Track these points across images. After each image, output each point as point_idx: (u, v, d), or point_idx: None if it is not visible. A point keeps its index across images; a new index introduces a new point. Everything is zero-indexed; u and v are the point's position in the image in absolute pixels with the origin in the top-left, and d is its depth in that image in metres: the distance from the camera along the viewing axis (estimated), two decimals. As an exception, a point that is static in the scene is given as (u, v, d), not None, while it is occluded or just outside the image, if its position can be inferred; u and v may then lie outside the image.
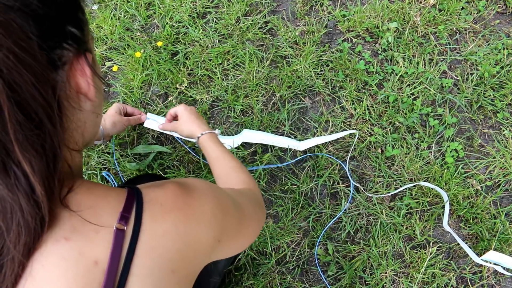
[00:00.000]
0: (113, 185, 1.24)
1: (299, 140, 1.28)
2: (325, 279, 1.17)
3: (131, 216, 0.39)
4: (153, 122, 1.19)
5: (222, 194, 0.51)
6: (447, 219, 1.21)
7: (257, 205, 0.66)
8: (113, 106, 1.09)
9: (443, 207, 1.22)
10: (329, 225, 1.22)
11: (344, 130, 1.30)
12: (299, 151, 1.27)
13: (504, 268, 1.15)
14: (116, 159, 1.26)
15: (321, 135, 1.31)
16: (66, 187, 0.38)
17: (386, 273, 1.17)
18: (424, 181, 1.25)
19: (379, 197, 1.24)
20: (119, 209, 0.40)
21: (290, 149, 1.26)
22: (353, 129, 1.31)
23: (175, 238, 0.41)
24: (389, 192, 1.23)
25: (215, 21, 1.44)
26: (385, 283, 1.16)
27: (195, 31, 1.41)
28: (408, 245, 1.19)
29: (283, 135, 1.30)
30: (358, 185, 1.24)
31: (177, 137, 1.23)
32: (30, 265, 0.35)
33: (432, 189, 1.23)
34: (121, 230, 0.38)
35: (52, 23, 0.35)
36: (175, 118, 1.07)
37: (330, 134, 1.30)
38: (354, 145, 1.29)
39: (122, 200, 0.41)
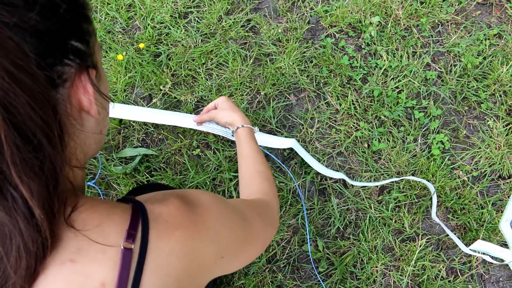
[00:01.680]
0: (100, 194, 1.23)
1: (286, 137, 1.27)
2: (318, 274, 1.17)
3: (137, 234, 0.39)
4: (141, 112, 1.10)
5: (227, 209, 0.50)
6: (435, 210, 1.22)
7: (268, 222, 0.64)
8: None
9: (431, 199, 1.22)
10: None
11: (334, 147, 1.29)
12: (285, 149, 1.26)
13: (492, 257, 1.16)
14: (102, 164, 1.25)
15: (307, 132, 1.31)
16: (69, 206, 0.37)
17: (376, 267, 1.17)
18: (411, 174, 1.26)
19: (364, 187, 1.23)
20: (125, 226, 0.39)
21: (277, 149, 1.26)
22: (339, 124, 1.31)
23: (181, 256, 0.40)
24: (370, 182, 1.22)
25: (197, 21, 1.43)
26: (376, 277, 1.17)
27: (177, 32, 1.41)
28: (397, 238, 1.20)
29: (269, 133, 1.30)
30: (346, 178, 1.24)
31: (211, 132, 1.14)
32: None
33: (419, 182, 1.24)
34: (128, 249, 0.37)
35: (53, 39, 0.33)
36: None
37: (316, 130, 1.30)
38: (341, 141, 1.29)
39: (127, 217, 0.40)
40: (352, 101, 1.32)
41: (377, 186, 1.24)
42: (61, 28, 0.34)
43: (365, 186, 1.24)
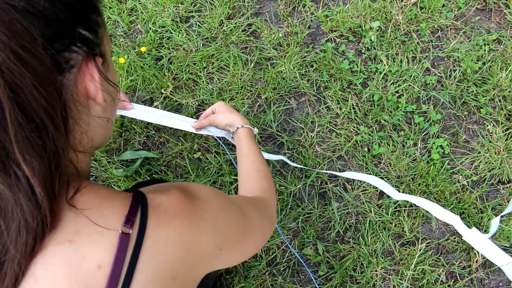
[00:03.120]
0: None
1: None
2: (315, 279, 1.17)
3: (136, 220, 0.39)
4: (143, 112, 1.08)
5: (227, 202, 0.50)
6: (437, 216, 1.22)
7: (266, 217, 0.64)
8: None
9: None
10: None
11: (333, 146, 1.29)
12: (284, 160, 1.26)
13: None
14: (103, 166, 1.26)
15: (308, 136, 1.31)
16: (72, 188, 0.38)
17: (376, 271, 1.17)
18: (411, 178, 1.26)
19: (364, 191, 1.23)
20: (125, 212, 0.39)
21: (280, 153, 1.26)
22: (339, 128, 1.31)
23: (178, 245, 0.41)
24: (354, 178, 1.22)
25: (198, 25, 1.44)
26: (376, 281, 1.17)
27: (178, 36, 1.41)
28: (397, 243, 1.20)
29: (270, 137, 1.30)
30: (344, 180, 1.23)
31: (214, 136, 1.09)
32: (33, 267, 0.35)
33: (419, 186, 1.24)
34: (126, 234, 0.38)
35: (61, 25, 0.34)
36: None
37: (316, 134, 1.31)
38: (341, 145, 1.29)
39: (127, 204, 0.40)
40: (353, 105, 1.32)
41: (377, 190, 1.24)
42: (69, 15, 0.35)
43: (365, 190, 1.24)
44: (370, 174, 1.26)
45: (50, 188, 0.34)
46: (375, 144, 1.28)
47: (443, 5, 1.47)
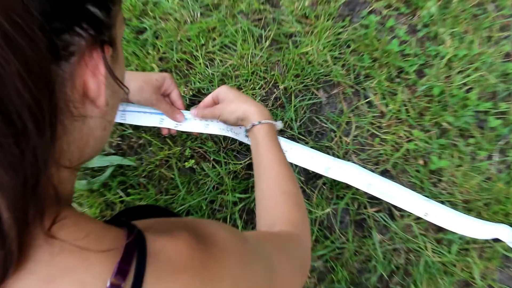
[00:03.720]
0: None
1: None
2: None
3: (130, 270, 0.38)
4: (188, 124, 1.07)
5: (251, 254, 0.49)
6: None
7: (298, 266, 0.63)
8: (161, 75, 0.99)
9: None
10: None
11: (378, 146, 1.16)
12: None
13: None
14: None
15: (341, 142, 1.22)
16: (48, 217, 0.36)
17: (435, 333, 1.09)
18: (484, 203, 1.16)
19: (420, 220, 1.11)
20: (116, 258, 0.38)
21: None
22: (384, 132, 1.23)
23: None
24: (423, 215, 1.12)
25: (196, -13, 1.41)
26: None
27: (168, 1, 1.36)
28: (464, 294, 1.13)
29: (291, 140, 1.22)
30: (393, 209, 1.17)
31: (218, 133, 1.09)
32: None
33: (495, 213, 1.13)
34: (116, 287, 0.37)
35: None
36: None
37: (353, 139, 1.22)
38: (387, 155, 1.21)
39: (120, 246, 0.39)
40: (403, 101, 1.27)
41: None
42: None
43: (419, 217, 1.14)
44: (427, 197, 1.15)
45: (22, 213, 0.33)
46: (434, 155, 1.22)
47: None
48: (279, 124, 0.86)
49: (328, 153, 1.20)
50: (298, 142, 1.21)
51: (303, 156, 1.11)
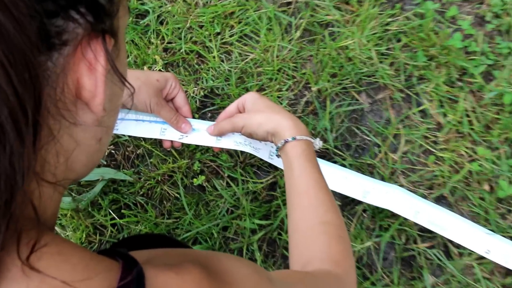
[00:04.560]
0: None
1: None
2: None
3: None
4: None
5: None
6: None
7: None
8: (164, 74, 0.99)
9: None
10: None
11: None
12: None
13: None
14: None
15: (387, 159, 1.22)
16: (25, 244, 0.36)
17: None
18: None
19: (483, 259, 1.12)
20: None
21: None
22: (441, 148, 1.22)
23: None
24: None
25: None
26: None
27: None
28: None
29: (323, 155, 1.23)
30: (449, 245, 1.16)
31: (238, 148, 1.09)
32: None
33: None
34: None
35: None
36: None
37: (401, 157, 1.22)
38: (444, 177, 1.21)
39: (113, 280, 0.39)
40: (466, 110, 1.26)
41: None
42: None
43: (485, 259, 1.13)
44: (493, 231, 1.14)
45: None
46: (504, 179, 1.20)
47: None
48: (318, 143, 0.87)
49: (370, 173, 1.22)
50: (333, 158, 1.22)
51: (334, 176, 1.11)
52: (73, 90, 0.39)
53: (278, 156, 0.87)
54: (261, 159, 1.18)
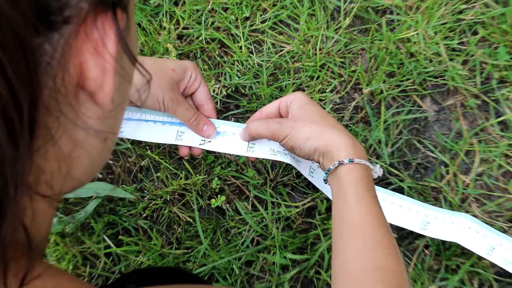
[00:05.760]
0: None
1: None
2: None
3: None
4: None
5: None
6: None
7: None
8: (182, 63, 0.98)
9: None
10: None
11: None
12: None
13: None
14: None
15: (457, 181, 1.23)
16: (12, 273, 0.36)
17: None
18: None
19: None
20: None
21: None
22: None
23: None
24: None
25: None
26: None
27: None
28: None
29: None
30: None
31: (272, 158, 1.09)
32: None
33: None
34: None
35: None
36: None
37: (475, 179, 1.23)
38: None
39: None
40: None
41: None
42: None
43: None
44: None
45: None
46: None
47: None
48: (378, 170, 0.88)
49: (435, 199, 1.22)
50: (387, 178, 1.23)
51: (385, 203, 1.12)
52: (75, 79, 0.39)
53: (325, 181, 0.87)
54: (297, 177, 1.21)
